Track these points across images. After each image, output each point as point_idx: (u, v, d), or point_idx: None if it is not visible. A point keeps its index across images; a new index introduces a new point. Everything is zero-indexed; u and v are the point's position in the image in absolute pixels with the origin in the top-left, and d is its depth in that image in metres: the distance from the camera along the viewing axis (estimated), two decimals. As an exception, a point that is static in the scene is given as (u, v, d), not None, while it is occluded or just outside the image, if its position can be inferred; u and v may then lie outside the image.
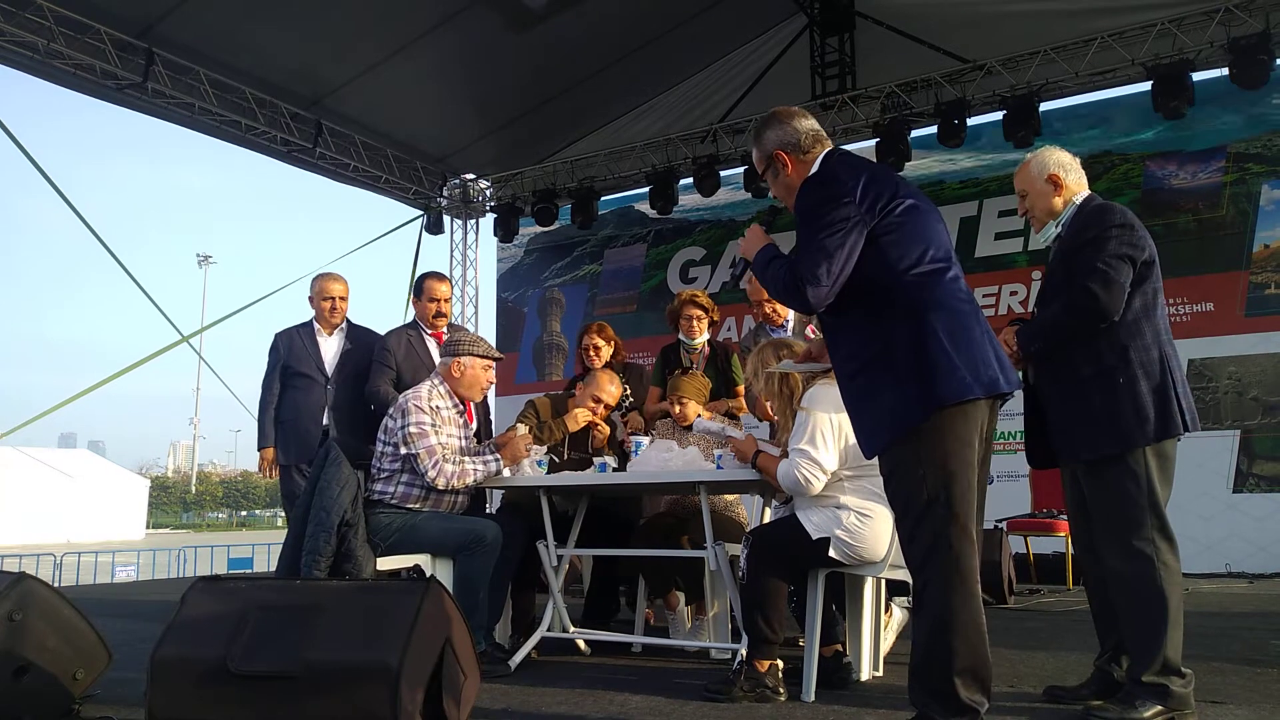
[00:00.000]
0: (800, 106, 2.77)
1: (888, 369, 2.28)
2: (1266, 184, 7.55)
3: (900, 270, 2.30)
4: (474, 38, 8.30)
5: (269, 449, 4.88)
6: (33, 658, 2.69)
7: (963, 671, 2.17)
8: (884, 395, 2.28)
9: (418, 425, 3.72)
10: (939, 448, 2.23)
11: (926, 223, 2.37)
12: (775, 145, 2.53)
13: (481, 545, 3.60)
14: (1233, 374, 7.43)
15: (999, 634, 4.25)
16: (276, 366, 4.93)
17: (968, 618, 2.19)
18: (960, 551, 2.21)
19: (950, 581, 2.20)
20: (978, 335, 2.30)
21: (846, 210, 2.31)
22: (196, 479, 68.15)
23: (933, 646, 2.21)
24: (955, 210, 8.66)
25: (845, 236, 2.29)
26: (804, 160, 2.51)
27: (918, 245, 2.32)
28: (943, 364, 2.22)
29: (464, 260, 11.11)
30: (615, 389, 4.31)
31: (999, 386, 2.28)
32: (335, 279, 5.00)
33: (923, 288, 2.30)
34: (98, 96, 7.71)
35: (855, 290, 2.33)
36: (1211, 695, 2.90)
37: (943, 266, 2.33)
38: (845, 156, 2.50)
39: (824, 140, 2.54)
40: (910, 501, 2.28)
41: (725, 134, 9.18)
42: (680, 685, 3.26)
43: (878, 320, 2.32)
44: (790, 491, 3.11)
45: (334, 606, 2.46)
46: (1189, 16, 7.26)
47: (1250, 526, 7.18)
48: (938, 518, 2.22)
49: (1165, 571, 2.64)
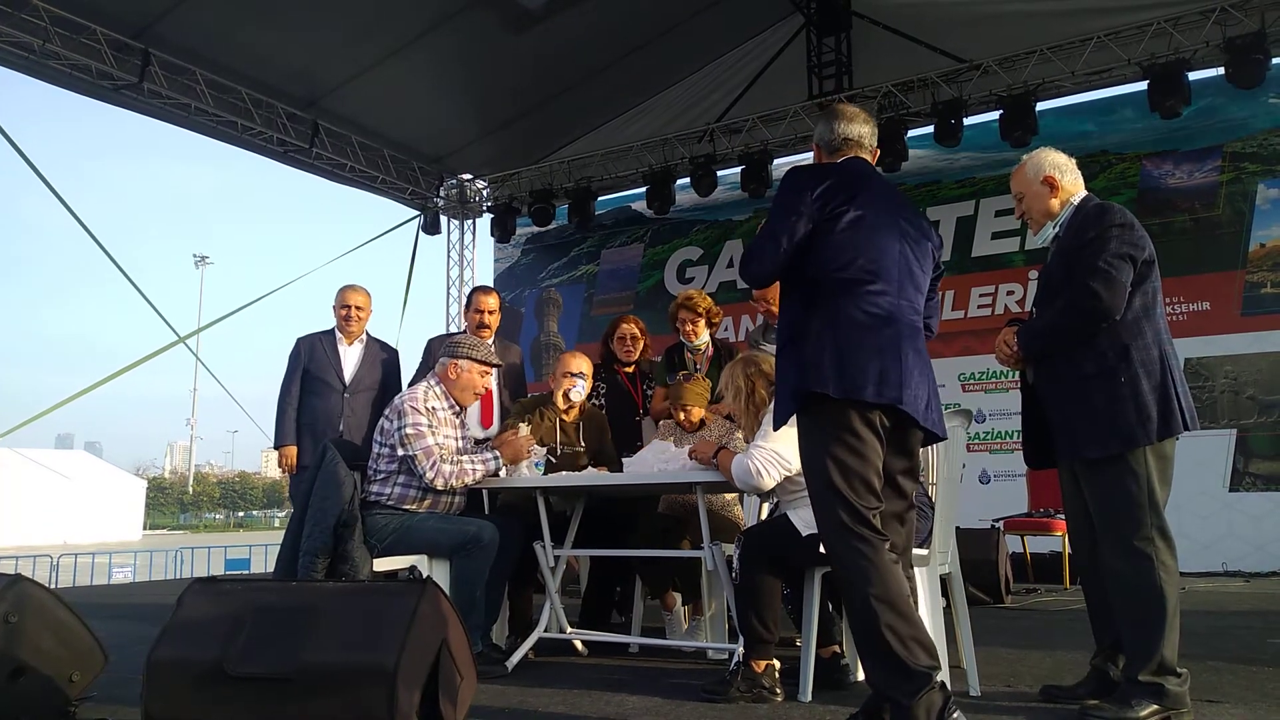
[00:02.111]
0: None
1: (795, 354, 2.48)
2: (1262, 183, 7.56)
3: (827, 269, 2.47)
4: (471, 38, 8.30)
5: (291, 446, 5.01)
6: (28, 660, 2.68)
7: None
8: (789, 376, 2.50)
9: (414, 426, 3.72)
10: (814, 436, 2.45)
11: (869, 236, 2.49)
12: (816, 138, 2.76)
13: (478, 546, 3.60)
14: (1229, 373, 7.44)
15: (996, 633, 4.27)
16: (297, 370, 5.09)
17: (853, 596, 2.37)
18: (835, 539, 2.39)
19: (857, 572, 2.34)
20: (868, 346, 2.42)
21: (797, 202, 2.50)
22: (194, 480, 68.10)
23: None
24: (952, 210, 8.67)
25: (793, 225, 2.49)
26: (829, 159, 2.69)
27: (848, 252, 2.47)
28: (825, 362, 2.40)
29: (461, 260, 11.11)
30: (582, 362, 4.35)
31: (861, 394, 2.37)
32: (356, 290, 5.16)
33: (838, 292, 2.46)
34: (94, 97, 7.69)
35: (795, 277, 2.54)
36: (1208, 694, 2.91)
37: (865, 279, 2.46)
38: (850, 164, 2.64)
39: (858, 148, 2.68)
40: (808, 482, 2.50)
41: (722, 134, 9.18)
42: (677, 686, 3.26)
43: (803, 307, 2.52)
44: (742, 485, 3.14)
45: (331, 608, 2.46)
46: (1185, 16, 7.26)
47: (1247, 525, 7.19)
48: (825, 502, 2.41)
49: (1164, 571, 2.64)
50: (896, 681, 2.26)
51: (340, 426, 4.98)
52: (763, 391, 3.25)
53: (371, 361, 5.16)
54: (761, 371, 3.30)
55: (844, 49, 8.62)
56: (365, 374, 5.11)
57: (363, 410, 5.05)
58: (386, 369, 5.23)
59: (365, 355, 5.16)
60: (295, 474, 5.02)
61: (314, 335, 5.19)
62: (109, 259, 8.32)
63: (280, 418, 5.08)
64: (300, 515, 3.60)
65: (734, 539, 3.38)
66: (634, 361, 4.95)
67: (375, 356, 5.19)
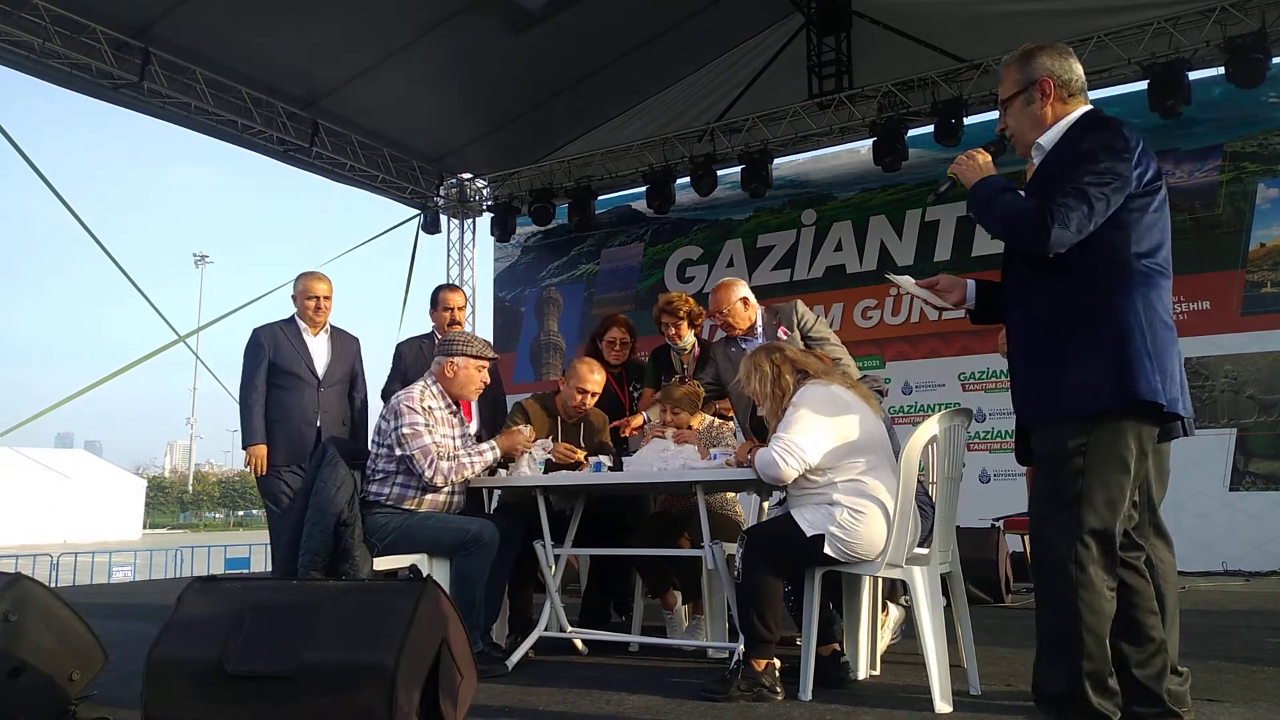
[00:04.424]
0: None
1: (1085, 345, 2.18)
2: (1262, 183, 7.57)
3: (1133, 254, 2.20)
4: (471, 38, 8.30)
5: (261, 445, 4.71)
6: (28, 659, 2.68)
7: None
8: (1075, 369, 2.19)
9: (411, 426, 3.71)
10: (1112, 444, 2.16)
11: (1167, 220, 2.26)
12: (1046, 72, 2.36)
13: (478, 545, 3.60)
14: (1229, 373, 7.44)
15: (996, 633, 4.27)
16: (261, 363, 4.75)
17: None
18: (1085, 564, 2.14)
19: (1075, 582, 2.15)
20: (1173, 352, 2.23)
21: (1122, 167, 2.19)
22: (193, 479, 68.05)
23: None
24: (951, 210, 8.66)
25: (1112, 192, 2.17)
26: (1065, 103, 2.36)
27: (1156, 237, 2.23)
28: (1145, 364, 2.15)
29: (461, 260, 11.10)
30: (599, 376, 4.24)
31: (1177, 407, 2.19)
32: (320, 278, 4.91)
33: (1145, 283, 2.21)
34: (94, 96, 7.70)
35: (1081, 253, 2.20)
36: (1208, 693, 2.91)
37: (1166, 270, 2.24)
38: (1117, 119, 2.32)
39: (1087, 99, 2.39)
40: (1055, 495, 2.20)
41: (722, 133, 9.18)
42: (677, 685, 3.26)
43: (1090, 294, 2.20)
44: (764, 475, 3.09)
45: (330, 607, 2.45)
46: (1185, 15, 7.27)
47: (1246, 525, 7.20)
48: (1073, 522, 2.14)
49: (1164, 569, 2.64)
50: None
51: (317, 422, 4.76)
52: (788, 378, 3.20)
53: (340, 353, 4.92)
54: (787, 358, 3.25)
55: (844, 48, 8.62)
56: (336, 366, 4.87)
57: (335, 404, 4.84)
58: (355, 359, 5.03)
59: (333, 347, 4.91)
60: (264, 475, 4.73)
61: (274, 325, 4.84)
62: (109, 258, 8.33)
63: (247, 415, 4.72)
64: (300, 515, 3.60)
65: (734, 538, 3.38)
66: (621, 364, 4.95)
67: (342, 347, 4.95)
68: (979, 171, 2.43)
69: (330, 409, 4.82)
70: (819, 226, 9.47)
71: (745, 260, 9.73)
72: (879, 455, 3.09)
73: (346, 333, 5.06)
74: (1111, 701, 2.08)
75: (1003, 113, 2.48)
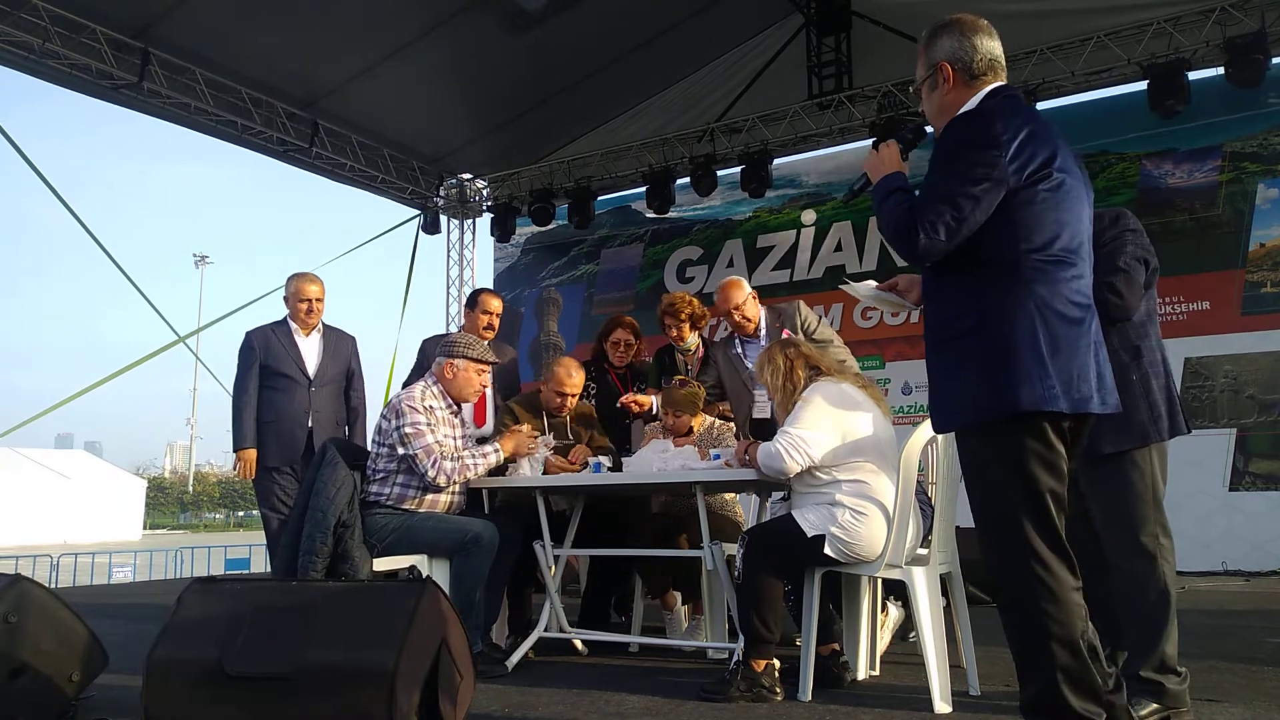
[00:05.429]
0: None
1: (976, 352, 2.09)
2: (1262, 183, 7.56)
3: (1023, 250, 2.07)
4: (471, 38, 8.29)
5: (251, 450, 4.71)
6: (28, 659, 2.69)
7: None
8: (967, 377, 2.11)
9: (413, 425, 3.71)
10: (1013, 455, 2.05)
11: (1070, 205, 2.12)
12: (945, 56, 2.25)
13: (478, 546, 3.60)
14: (1229, 372, 7.44)
15: (995, 633, 4.25)
16: (253, 366, 4.77)
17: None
18: (1039, 573, 2.03)
19: (1031, 593, 2.04)
20: (1081, 346, 2.09)
21: (993, 161, 2.06)
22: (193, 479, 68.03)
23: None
24: (952, 209, 8.66)
25: (984, 193, 2.05)
26: (968, 86, 2.24)
27: (1050, 229, 2.08)
28: (1031, 370, 2.03)
29: (460, 260, 11.10)
30: (577, 378, 4.23)
31: (1088, 405, 2.07)
32: (312, 280, 4.91)
33: (1037, 279, 2.07)
34: (94, 96, 7.69)
35: (969, 255, 2.11)
36: (1207, 693, 2.91)
37: (1067, 260, 2.10)
38: (1012, 101, 2.22)
39: (999, 72, 2.25)
40: (985, 507, 2.12)
41: (722, 133, 9.18)
42: (677, 685, 3.26)
43: (981, 296, 2.10)
44: (766, 468, 3.10)
45: (330, 607, 2.46)
46: (1185, 16, 7.26)
47: (1246, 524, 7.19)
48: (1012, 537, 2.04)
49: (1168, 568, 2.66)
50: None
51: (308, 422, 4.76)
52: (800, 373, 3.21)
53: (332, 352, 4.89)
54: (801, 353, 3.26)
55: (844, 49, 8.61)
56: (328, 365, 4.85)
57: (328, 404, 4.82)
58: (349, 358, 5.01)
59: (325, 346, 4.88)
60: (256, 477, 4.73)
61: (266, 327, 4.86)
62: (109, 259, 8.33)
63: (239, 418, 4.74)
64: (299, 515, 3.60)
65: (734, 538, 3.38)
66: (626, 365, 4.95)
67: (335, 346, 4.93)
68: (882, 168, 2.32)
69: (323, 409, 4.80)
70: (819, 226, 9.47)
71: (745, 260, 9.73)
72: (885, 457, 3.10)
73: (341, 331, 5.03)
74: (1094, 701, 2.05)
75: (918, 98, 2.40)
